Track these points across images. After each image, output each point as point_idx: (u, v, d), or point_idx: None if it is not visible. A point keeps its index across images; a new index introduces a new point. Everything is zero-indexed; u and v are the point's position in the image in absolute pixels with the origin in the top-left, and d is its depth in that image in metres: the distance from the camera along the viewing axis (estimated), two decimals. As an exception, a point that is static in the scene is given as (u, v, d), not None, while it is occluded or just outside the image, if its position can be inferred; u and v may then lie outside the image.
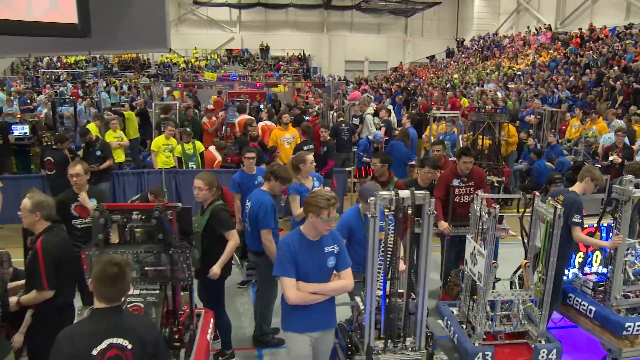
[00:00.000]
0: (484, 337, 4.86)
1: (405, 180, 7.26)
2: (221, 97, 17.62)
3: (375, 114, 12.86)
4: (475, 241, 5.00)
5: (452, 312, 5.40)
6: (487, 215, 4.80)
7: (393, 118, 13.73)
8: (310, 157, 6.35)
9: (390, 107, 16.60)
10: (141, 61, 42.33)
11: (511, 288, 5.14)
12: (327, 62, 45.59)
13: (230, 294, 6.74)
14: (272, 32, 45.13)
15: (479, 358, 4.66)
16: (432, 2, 40.19)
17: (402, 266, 4.29)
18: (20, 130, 11.98)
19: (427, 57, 43.01)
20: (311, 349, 4.15)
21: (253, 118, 10.94)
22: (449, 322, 5.26)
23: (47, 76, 37.96)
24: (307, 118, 12.71)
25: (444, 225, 6.48)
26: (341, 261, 4.11)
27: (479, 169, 7.09)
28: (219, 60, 44.30)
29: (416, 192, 4.10)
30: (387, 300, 4.26)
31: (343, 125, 11.47)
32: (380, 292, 4.23)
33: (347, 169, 10.63)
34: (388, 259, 4.17)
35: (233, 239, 5.18)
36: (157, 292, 3.87)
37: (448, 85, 27.38)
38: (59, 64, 40.45)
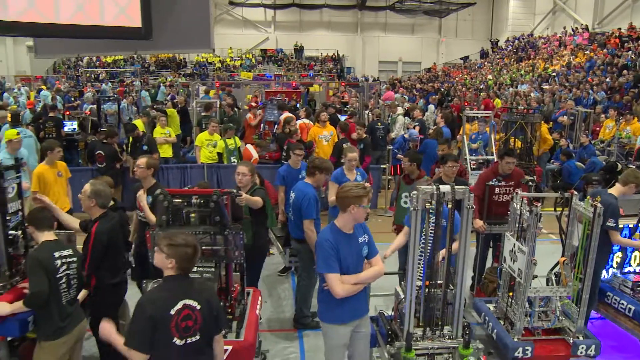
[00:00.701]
0: (523, 332, 4.96)
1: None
2: (255, 97, 18.10)
3: (407, 114, 13.06)
4: (515, 239, 5.10)
5: (489, 308, 5.51)
6: (528, 213, 4.90)
7: (428, 117, 13.93)
8: (354, 154, 6.62)
9: (431, 106, 16.83)
10: (177, 60, 42.92)
11: (547, 285, 5.24)
12: (361, 62, 45.66)
13: (271, 281, 7.12)
14: (306, 32, 45.39)
15: (519, 353, 4.76)
16: (467, 3, 39.95)
17: (442, 253, 4.46)
18: (69, 126, 12.54)
19: (461, 58, 42.69)
20: (349, 339, 4.35)
21: (293, 116, 11.25)
22: (486, 318, 5.37)
23: (87, 75, 39.00)
24: (342, 117, 12.94)
25: (479, 223, 6.57)
26: (371, 249, 4.33)
27: (518, 169, 7.15)
28: (253, 60, 44.72)
29: (456, 187, 4.29)
30: (426, 290, 4.43)
31: (379, 124, 11.73)
32: (420, 283, 4.41)
33: (381, 166, 10.87)
34: (428, 252, 4.37)
35: None
36: (213, 269, 4.21)
37: (482, 87, 27.30)
38: (97, 63, 41.43)
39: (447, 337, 4.48)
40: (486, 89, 25.15)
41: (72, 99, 21.08)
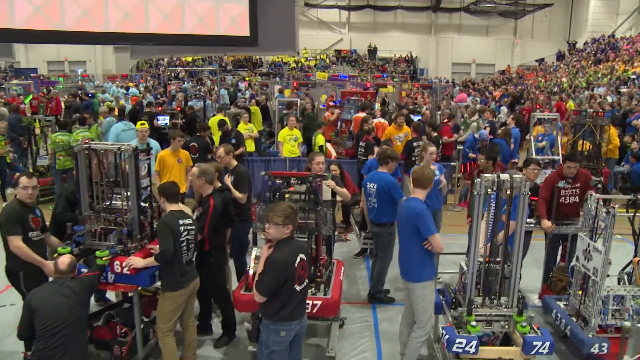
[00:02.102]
0: (597, 330, 5.29)
1: None
2: (331, 96, 19.04)
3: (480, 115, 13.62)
4: (590, 239, 5.47)
5: (560, 306, 5.93)
6: (605, 214, 5.28)
7: (500, 119, 14.41)
8: (432, 148, 7.37)
9: (503, 108, 17.21)
10: (253, 60, 44.18)
11: (619, 284, 5.57)
12: (434, 64, 45.69)
13: (348, 263, 7.96)
14: (380, 33, 45.82)
15: (595, 349, 5.11)
16: (544, 4, 39.33)
17: (499, 237, 5.11)
18: (162, 121, 13.77)
19: (537, 60, 41.88)
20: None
21: (370, 115, 12.09)
22: (558, 315, 5.79)
23: (168, 73, 41.05)
24: (415, 118, 13.60)
25: (547, 223, 6.75)
26: None
27: (585, 171, 7.26)
28: (327, 60, 45.62)
29: (515, 176, 4.96)
30: (487, 265, 5.07)
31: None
32: (481, 259, 5.08)
33: (451, 163, 11.52)
34: (489, 231, 5.07)
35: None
36: (305, 239, 5.11)
37: (556, 89, 27.08)
38: (177, 62, 43.16)
39: (504, 306, 5.03)
40: (560, 91, 25.01)
41: (159, 96, 22.69)
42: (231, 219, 6.07)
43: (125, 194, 5.45)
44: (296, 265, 4.22)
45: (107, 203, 5.49)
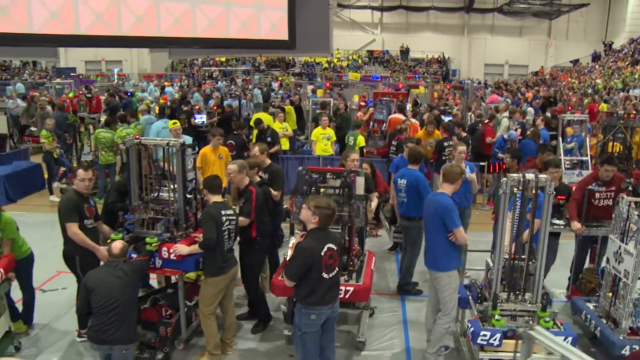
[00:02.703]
0: (628, 332, 5.37)
1: None
2: (363, 97, 19.34)
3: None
4: (621, 241, 5.58)
5: (589, 307, 6.00)
6: (637, 217, 5.41)
7: (529, 120, 14.53)
8: (462, 147, 7.66)
9: (530, 109, 17.26)
10: (286, 60, 44.68)
11: None
12: (467, 64, 45.67)
13: (379, 257, 8.30)
14: (412, 34, 45.95)
15: (626, 350, 5.16)
16: (580, 4, 38.84)
17: (525, 236, 5.35)
18: (199, 119, 14.25)
19: (571, 61, 41.32)
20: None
21: (403, 117, 12.40)
22: (588, 316, 5.88)
23: (202, 73, 41.85)
24: (446, 119, 13.82)
25: (577, 225, 6.78)
26: None
27: (620, 175, 7.21)
28: (360, 61, 45.84)
29: (540, 175, 5.21)
30: (512, 262, 5.30)
31: (480, 125, 12.58)
32: (506, 256, 5.31)
33: (481, 163, 11.73)
34: (515, 229, 5.31)
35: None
36: (339, 230, 5.46)
37: (590, 91, 26.86)
38: (211, 62, 44.11)
39: (528, 301, 5.23)
40: (594, 93, 24.82)
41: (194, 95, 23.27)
42: (270, 211, 6.46)
43: (172, 186, 5.87)
44: (323, 253, 4.53)
45: (155, 194, 5.92)
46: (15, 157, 13.40)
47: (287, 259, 4.62)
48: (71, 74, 36.83)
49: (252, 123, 12.20)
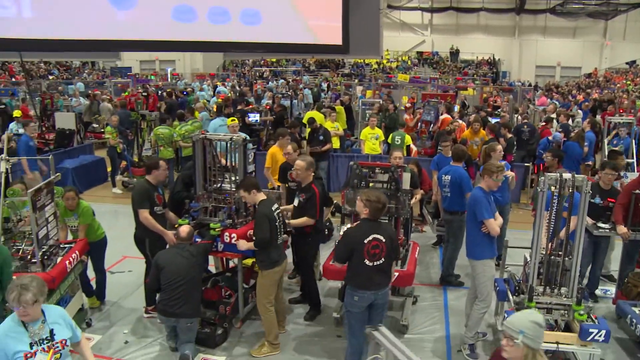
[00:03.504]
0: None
1: None
2: (412, 98, 19.65)
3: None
4: None
5: (636, 311, 6.13)
6: None
7: (578, 123, 14.62)
8: (499, 147, 8.01)
9: (580, 112, 17.27)
10: (336, 61, 44.98)
11: None
12: (517, 66, 44.91)
13: (424, 250, 8.70)
14: (462, 35, 45.58)
15: None
16: (638, 3, 37.40)
17: (562, 233, 5.59)
18: (253, 118, 14.87)
19: (627, 63, 39.92)
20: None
21: (451, 117, 12.72)
22: (633, 320, 6.01)
23: (253, 73, 42.72)
24: (493, 120, 14.02)
25: (623, 229, 6.76)
26: (494, 206, 5.98)
27: None
28: (409, 62, 45.86)
29: (576, 175, 5.50)
30: (549, 257, 5.55)
31: (525, 127, 12.79)
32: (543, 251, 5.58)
33: (525, 164, 11.96)
34: (552, 226, 5.62)
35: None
36: (386, 221, 5.92)
37: (644, 93, 26.27)
38: (262, 62, 44.82)
39: (564, 295, 5.42)
40: (647, 96, 24.34)
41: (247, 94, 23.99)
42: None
43: (233, 177, 6.43)
44: (366, 241, 4.97)
45: (218, 185, 6.49)
46: (81, 151, 14.25)
47: (336, 244, 5.12)
48: (128, 74, 38.27)
49: (305, 121, 12.73)
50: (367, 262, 5.01)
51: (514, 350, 3.09)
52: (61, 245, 6.22)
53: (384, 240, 5.05)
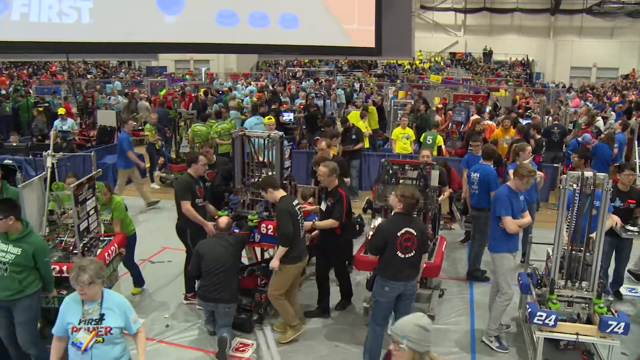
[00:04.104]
0: None
1: None
2: (444, 99, 19.84)
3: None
4: None
5: None
6: None
7: (610, 124, 14.67)
8: (529, 148, 8.26)
9: (612, 114, 17.25)
10: (369, 62, 45.14)
11: None
12: (551, 67, 44.39)
13: (451, 247, 8.97)
14: (496, 36, 45.34)
15: None
16: (681, 2, 36.44)
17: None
18: (287, 117, 15.27)
19: (668, 64, 39.21)
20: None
21: (480, 117, 12.95)
22: None
23: (286, 73, 43.22)
24: (524, 122, 14.14)
25: None
26: (524, 206, 6.22)
27: None
28: (442, 63, 45.86)
29: (597, 174, 5.72)
30: (571, 252, 5.76)
31: (555, 128, 12.93)
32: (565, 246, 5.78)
33: (555, 165, 12.10)
34: (573, 222, 5.85)
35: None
36: (415, 216, 6.22)
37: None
38: (295, 62, 45.36)
39: (584, 289, 5.61)
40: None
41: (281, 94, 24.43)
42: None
43: (270, 172, 6.81)
44: (399, 234, 5.28)
45: (255, 179, 6.88)
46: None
47: (368, 237, 5.43)
48: (164, 73, 39.15)
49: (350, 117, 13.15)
50: (399, 254, 5.31)
51: (400, 355, 3.07)
52: (101, 238, 6.52)
53: (415, 233, 5.35)
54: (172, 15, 7.37)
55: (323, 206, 6.71)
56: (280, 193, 6.14)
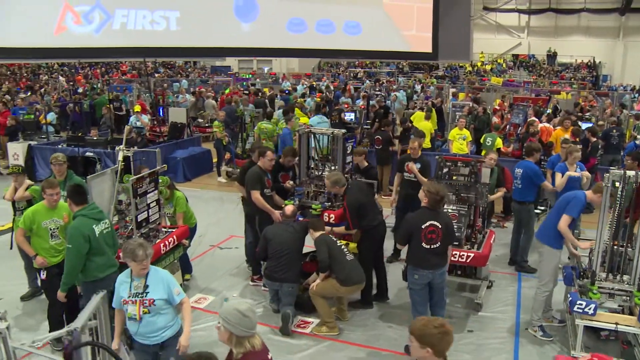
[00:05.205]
0: None
1: None
2: (502, 101, 19.94)
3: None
4: None
5: None
6: None
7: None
8: (579, 153, 8.64)
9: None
10: (430, 63, 45.01)
11: None
12: (620, 69, 42.70)
13: (502, 244, 9.32)
14: (561, 37, 44.35)
15: None
16: None
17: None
18: (349, 116, 15.85)
19: None
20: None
21: (535, 119, 13.21)
22: None
23: (347, 73, 43.73)
24: (584, 125, 14.21)
25: None
26: None
27: None
28: (504, 65, 45.34)
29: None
30: (613, 247, 5.92)
31: (614, 131, 13.01)
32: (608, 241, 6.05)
33: (611, 168, 12.17)
34: (617, 218, 6.16)
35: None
36: (466, 209, 6.75)
37: None
38: (357, 63, 45.55)
39: (625, 282, 5.82)
40: None
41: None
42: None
43: (333, 167, 7.45)
44: (423, 227, 5.80)
45: (319, 173, 7.53)
46: (190, 143, 15.69)
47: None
48: (228, 72, 40.39)
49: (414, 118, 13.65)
50: (424, 244, 5.85)
51: (221, 334, 3.36)
52: (162, 230, 7.00)
53: (440, 226, 5.86)
54: (247, 23, 8.22)
55: None
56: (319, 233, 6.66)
